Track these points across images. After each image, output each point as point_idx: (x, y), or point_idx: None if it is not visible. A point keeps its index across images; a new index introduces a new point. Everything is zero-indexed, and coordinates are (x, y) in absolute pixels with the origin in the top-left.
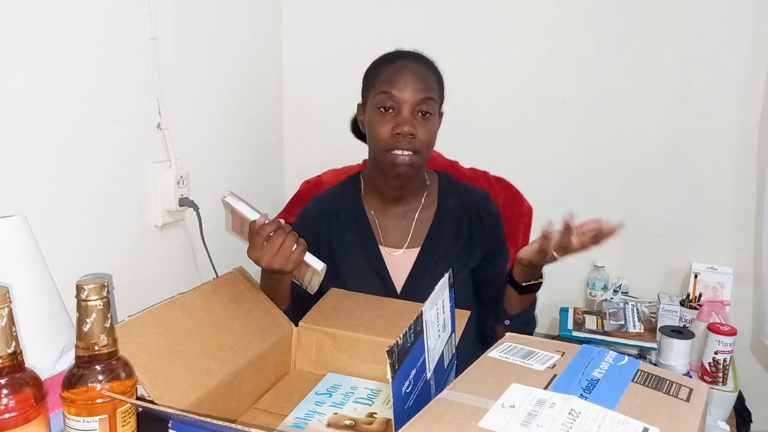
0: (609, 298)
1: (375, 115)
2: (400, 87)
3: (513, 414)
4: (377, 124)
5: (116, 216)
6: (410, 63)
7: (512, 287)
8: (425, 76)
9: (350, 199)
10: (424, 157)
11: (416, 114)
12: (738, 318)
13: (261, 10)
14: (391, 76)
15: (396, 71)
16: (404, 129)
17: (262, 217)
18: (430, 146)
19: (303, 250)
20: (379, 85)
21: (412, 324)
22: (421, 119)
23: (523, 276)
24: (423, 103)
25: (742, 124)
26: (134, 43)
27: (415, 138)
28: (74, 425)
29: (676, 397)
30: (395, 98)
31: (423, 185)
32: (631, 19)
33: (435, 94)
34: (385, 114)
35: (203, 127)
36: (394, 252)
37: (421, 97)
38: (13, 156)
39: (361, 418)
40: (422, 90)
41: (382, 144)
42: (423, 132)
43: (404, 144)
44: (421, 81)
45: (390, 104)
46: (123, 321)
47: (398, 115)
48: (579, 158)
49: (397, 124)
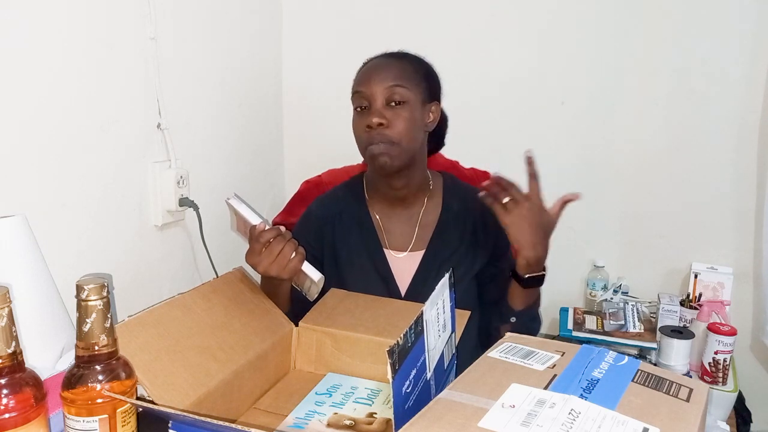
0: (609, 298)
1: (353, 117)
2: (367, 83)
3: (513, 414)
4: (355, 125)
5: (116, 216)
6: (378, 60)
7: (515, 281)
8: (393, 66)
9: (354, 201)
10: (403, 147)
11: (388, 105)
12: (738, 318)
13: (261, 10)
14: (361, 76)
15: (365, 70)
16: (372, 120)
17: (261, 222)
18: (409, 135)
19: (301, 259)
20: (353, 88)
21: (412, 324)
22: (393, 108)
23: (525, 267)
24: (390, 92)
25: (742, 124)
26: (134, 43)
27: (388, 128)
28: (74, 425)
29: (676, 397)
30: (364, 95)
31: (426, 186)
32: (631, 18)
33: (406, 81)
34: (361, 113)
35: (203, 127)
36: (398, 254)
37: (387, 86)
38: (13, 156)
39: (361, 418)
40: (388, 79)
41: (362, 144)
42: (396, 121)
43: (377, 137)
44: (386, 71)
45: (363, 103)
46: (123, 321)
47: (370, 109)
48: (579, 158)
49: (366, 118)
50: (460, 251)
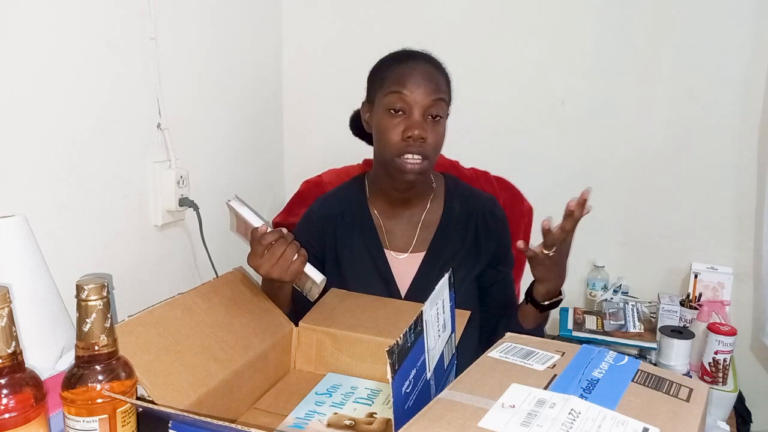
0: (609, 298)
1: (384, 117)
2: (411, 88)
3: (513, 414)
4: (387, 126)
5: (116, 216)
6: (421, 64)
7: (532, 305)
8: (436, 78)
9: (356, 201)
10: (432, 162)
11: (426, 117)
12: (738, 318)
13: (261, 10)
14: (401, 76)
15: (407, 71)
16: (415, 132)
17: (264, 225)
18: (438, 150)
19: (303, 261)
20: (389, 85)
21: (412, 324)
22: (432, 122)
23: (545, 295)
24: (434, 106)
25: (742, 124)
26: (134, 43)
27: (426, 142)
28: (74, 425)
29: (676, 397)
30: (406, 99)
31: (429, 188)
32: (632, 19)
33: (445, 95)
34: (395, 116)
35: (203, 127)
36: (399, 256)
37: (432, 99)
38: (13, 156)
39: (361, 418)
40: (433, 92)
41: (393, 149)
42: (433, 136)
43: (414, 149)
44: (432, 83)
45: (401, 106)
46: (123, 321)
47: (409, 117)
48: (579, 158)
49: (407, 127)
50: (462, 253)
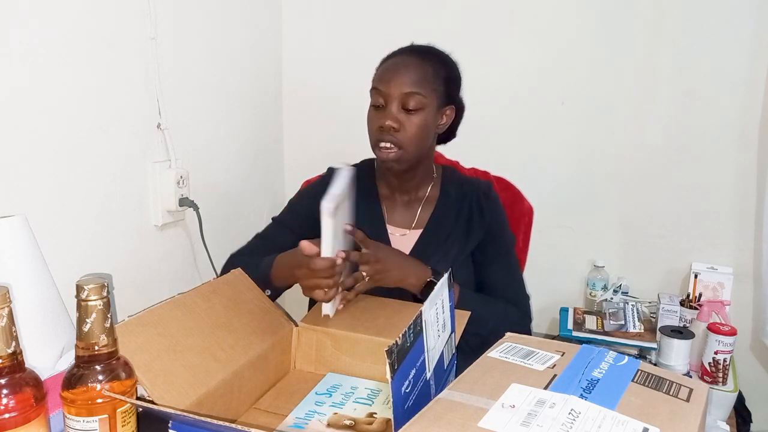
0: (609, 298)
1: (369, 112)
2: (386, 82)
3: (513, 414)
4: (369, 120)
5: (116, 216)
6: (403, 57)
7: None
8: (413, 69)
9: (364, 177)
10: (410, 152)
11: (401, 109)
12: (738, 318)
13: (261, 10)
14: (382, 72)
15: (387, 67)
16: (385, 123)
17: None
18: (417, 141)
19: (334, 295)
20: (373, 82)
21: (411, 324)
22: (408, 114)
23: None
24: (408, 98)
25: (742, 124)
26: (134, 43)
27: (399, 132)
28: (74, 425)
29: (676, 397)
30: (382, 94)
31: (429, 177)
32: (631, 19)
33: (423, 87)
34: (377, 111)
35: (203, 127)
36: (400, 231)
37: (404, 92)
38: (13, 156)
39: (361, 418)
40: (407, 85)
41: (372, 140)
42: (408, 126)
43: (387, 137)
44: (406, 74)
45: (379, 101)
46: (123, 321)
47: (385, 110)
48: (579, 158)
49: (380, 118)
50: (456, 231)
